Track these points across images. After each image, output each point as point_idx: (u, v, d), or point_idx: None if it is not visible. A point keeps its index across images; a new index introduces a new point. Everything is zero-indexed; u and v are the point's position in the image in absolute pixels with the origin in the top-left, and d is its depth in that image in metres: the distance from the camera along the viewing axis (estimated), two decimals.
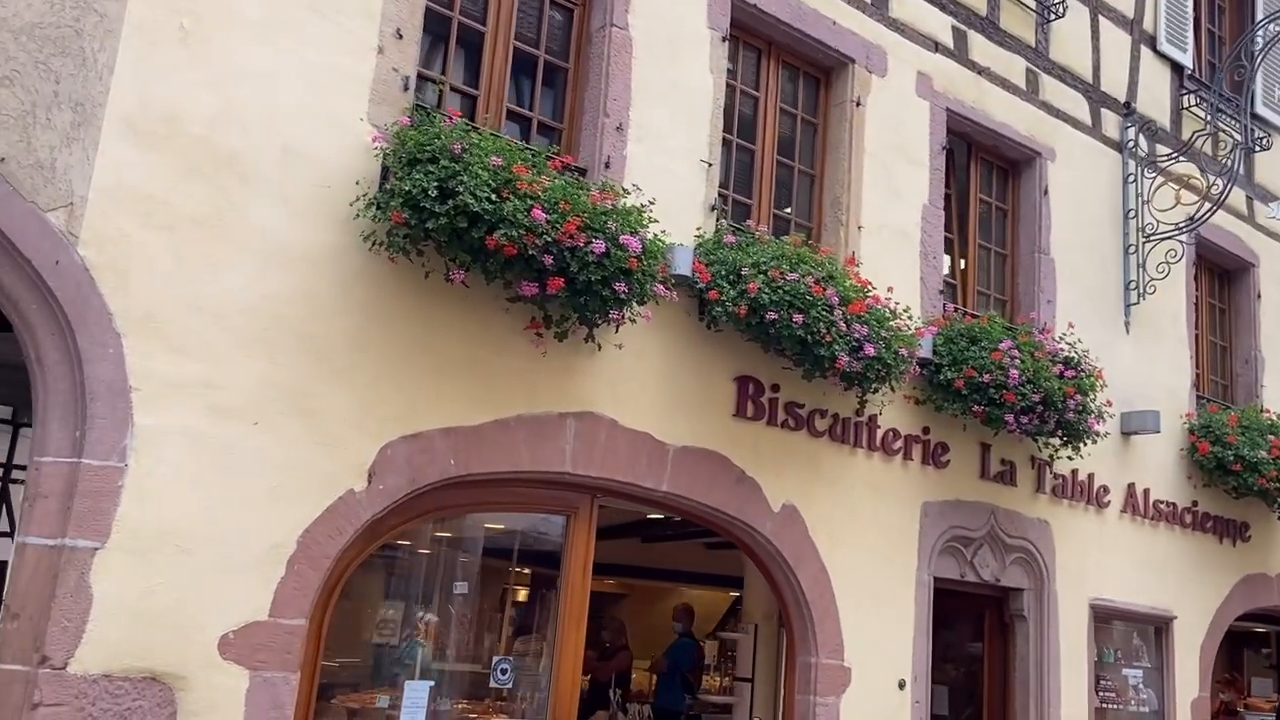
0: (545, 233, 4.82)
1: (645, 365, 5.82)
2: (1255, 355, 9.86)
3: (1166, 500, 8.70)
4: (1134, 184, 8.84)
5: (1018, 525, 7.62)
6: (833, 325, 5.93)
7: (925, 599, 6.97)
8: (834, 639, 6.43)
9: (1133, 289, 8.70)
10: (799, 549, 6.36)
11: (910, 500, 7.01)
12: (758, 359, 6.22)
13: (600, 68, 5.93)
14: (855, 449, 6.75)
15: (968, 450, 7.39)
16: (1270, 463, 8.63)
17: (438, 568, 5.72)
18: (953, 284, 7.96)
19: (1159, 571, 8.53)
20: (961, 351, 6.94)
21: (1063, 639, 7.73)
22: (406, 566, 5.64)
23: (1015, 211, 8.34)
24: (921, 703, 6.82)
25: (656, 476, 5.80)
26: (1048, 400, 7.04)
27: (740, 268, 5.83)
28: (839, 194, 7.03)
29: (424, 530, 5.59)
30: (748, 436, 6.23)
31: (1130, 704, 8.31)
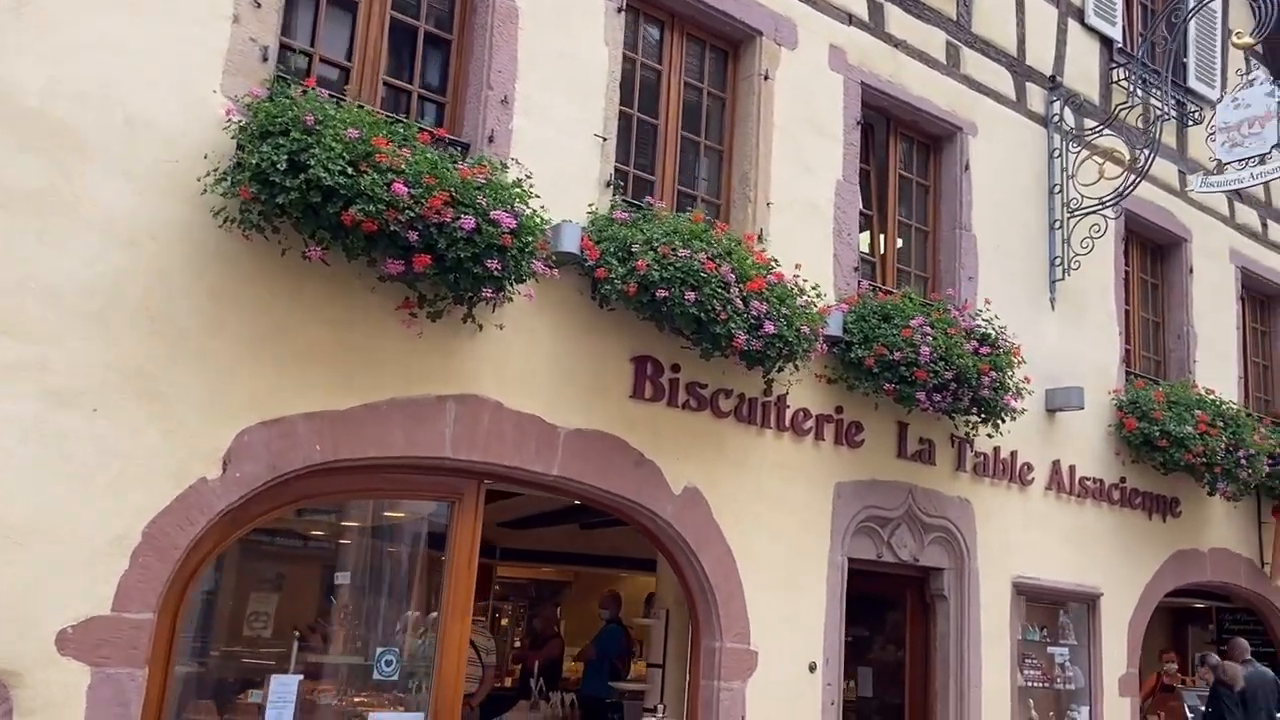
0: (408, 208, 4.65)
1: (534, 346, 5.65)
2: (1187, 330, 9.78)
3: (1094, 477, 8.61)
4: (1059, 159, 8.72)
5: (937, 504, 7.51)
6: (729, 303, 5.78)
7: (838, 580, 6.86)
8: (740, 622, 6.31)
9: (1058, 265, 8.59)
10: (702, 532, 6.23)
11: (822, 481, 6.89)
12: (655, 339, 6.07)
13: (485, 39, 5.74)
14: (763, 429, 6.61)
15: (884, 429, 7.26)
16: (1197, 438, 8.55)
17: (318, 556, 5.54)
18: (871, 261, 7.83)
19: (1086, 548, 8.45)
20: (873, 329, 6.81)
21: (984, 618, 7.63)
22: (282, 556, 5.46)
23: (936, 187, 8.21)
24: (833, 685, 6.71)
25: (546, 460, 5.65)
26: (961, 377, 6.92)
27: (630, 245, 5.67)
28: (747, 170, 6.88)
29: (303, 518, 5.41)
30: (647, 418, 6.08)
31: (1056, 681, 8.24)
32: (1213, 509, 9.55)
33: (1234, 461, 8.81)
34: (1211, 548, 9.54)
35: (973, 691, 7.44)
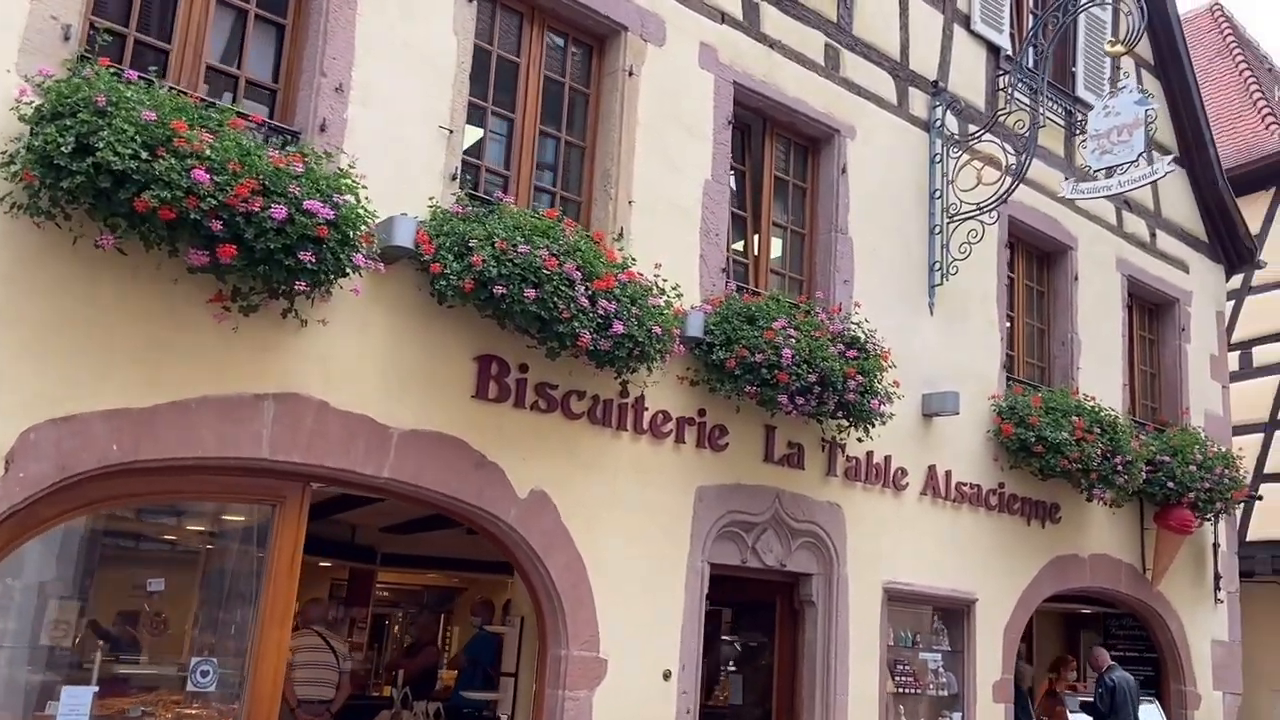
0: (210, 195, 4.44)
1: (365, 343, 5.46)
2: (1072, 338, 9.85)
3: (971, 482, 8.61)
4: (940, 164, 8.72)
5: (806, 509, 7.43)
6: (573, 300, 5.64)
7: (698, 586, 6.74)
8: (588, 630, 6.16)
9: (937, 270, 8.58)
10: (549, 537, 6.07)
11: (683, 484, 6.77)
12: (501, 338, 5.90)
13: (319, 23, 5.54)
14: (619, 431, 6.48)
15: (750, 433, 7.17)
16: (1073, 444, 8.58)
17: (129, 560, 5.29)
18: (744, 263, 7.74)
19: (961, 554, 8.44)
20: (735, 331, 6.71)
21: (854, 624, 7.57)
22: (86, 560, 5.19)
23: (814, 189, 8.16)
24: (689, 693, 6.59)
25: (377, 462, 5.45)
26: (826, 381, 6.85)
27: (469, 240, 5.50)
28: (609, 167, 6.75)
29: (111, 519, 5.16)
30: (490, 419, 5.91)
31: (929, 688, 8.20)
32: (1094, 515, 9.61)
33: (1110, 468, 8.86)
34: (1092, 553, 9.59)
35: (839, 699, 7.36)
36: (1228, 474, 10.10)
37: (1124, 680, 9.38)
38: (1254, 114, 14.76)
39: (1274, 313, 13.67)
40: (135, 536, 5.58)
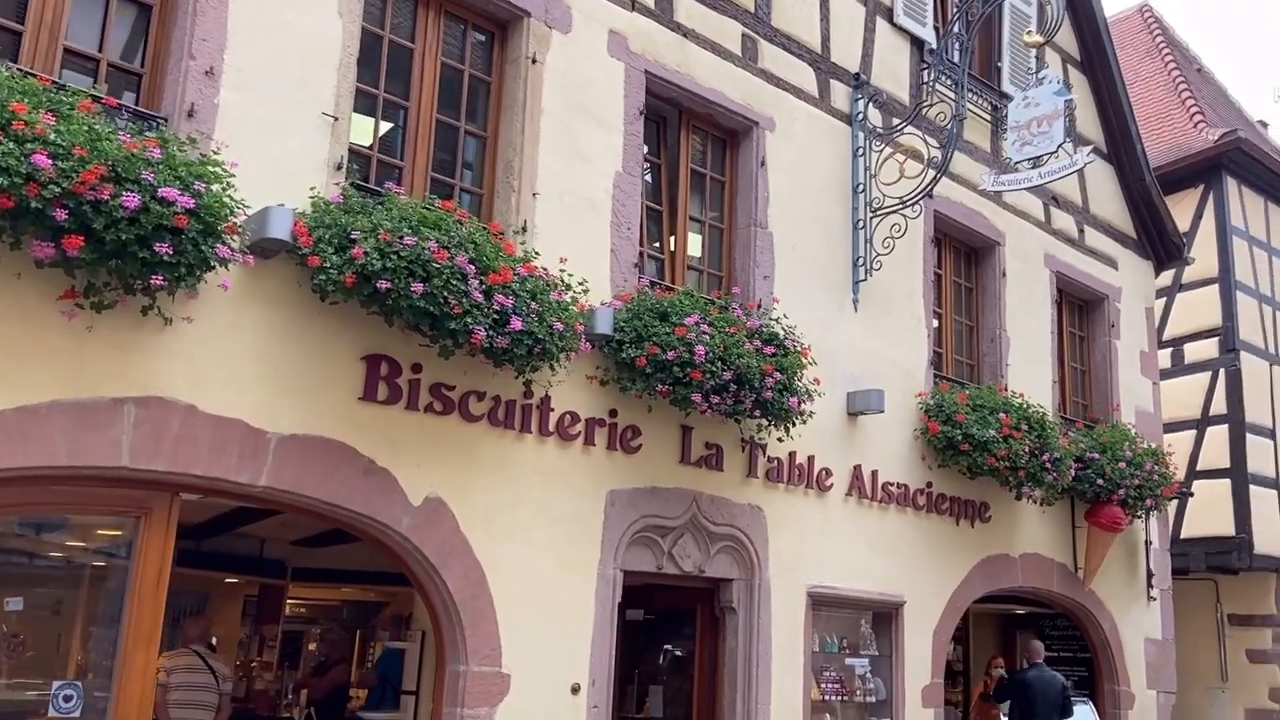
0: (53, 182, 4.09)
1: (238, 342, 5.12)
2: (1000, 334, 9.72)
3: (898, 482, 8.42)
4: (863, 157, 8.54)
5: (726, 512, 7.19)
6: (465, 295, 5.33)
7: (609, 595, 6.46)
8: (490, 644, 5.85)
9: (860, 265, 8.40)
10: (446, 546, 5.76)
11: (593, 489, 6.49)
12: (392, 336, 5.58)
13: (189, 4, 5.19)
14: (523, 434, 6.18)
15: (665, 434, 6.91)
16: (1000, 441, 8.43)
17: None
18: (659, 258, 7.49)
19: (888, 556, 8.24)
20: (646, 327, 6.45)
21: (776, 630, 7.33)
22: None
23: (732, 183, 7.93)
24: (600, 707, 6.30)
25: (252, 469, 5.10)
26: (742, 378, 6.61)
27: (350, 232, 5.18)
28: (512, 158, 6.46)
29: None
30: (380, 422, 5.59)
31: (856, 694, 7.99)
32: (1024, 514, 9.48)
33: (1039, 465, 8.73)
34: (1023, 553, 9.46)
35: (761, 708, 7.12)
36: (1157, 470, 10.03)
37: (1038, 679, 9.27)
38: (1183, 113, 14.82)
39: (1204, 309, 13.71)
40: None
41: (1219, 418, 13.42)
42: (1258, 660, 13.42)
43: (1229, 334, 13.49)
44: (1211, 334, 13.61)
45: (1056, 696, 9.12)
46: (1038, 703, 9.13)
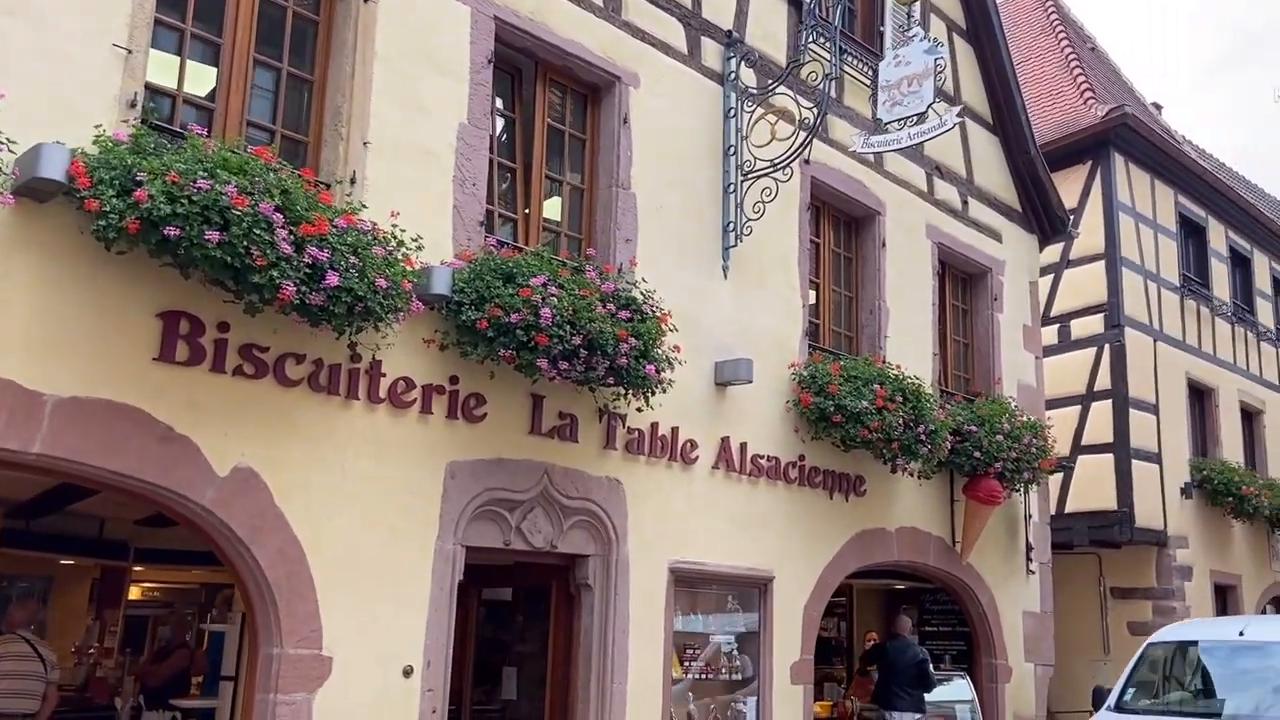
0: None
1: (7, 294, 4.60)
2: (879, 306, 9.54)
3: (769, 455, 8.18)
4: (735, 119, 8.24)
5: (581, 485, 6.85)
6: (271, 247, 4.88)
7: (448, 572, 6.08)
8: (308, 625, 5.42)
9: (731, 230, 8.11)
10: (258, 520, 5.31)
11: (430, 460, 6.09)
12: (194, 291, 5.11)
13: None
14: (350, 400, 5.75)
15: (513, 402, 6.54)
16: (874, 413, 8.24)
17: None
18: (513, 218, 7.10)
19: (757, 530, 8.00)
20: (488, 288, 6.05)
21: (635, 608, 7.03)
22: None
23: (594, 141, 7.56)
24: (436, 690, 5.92)
25: (24, 435, 4.60)
26: (594, 344, 6.26)
27: (136, 173, 4.69)
28: (340, 104, 6.01)
29: None
30: (179, 385, 5.11)
31: (721, 672, 7.75)
32: (901, 487, 9.33)
33: (913, 437, 8.57)
34: (899, 527, 9.32)
35: (616, 688, 6.81)
36: (1035, 443, 9.97)
37: (895, 650, 9.41)
38: (1074, 90, 14.90)
39: (1091, 286, 13.80)
40: None
41: (1104, 393, 13.53)
42: (1139, 632, 13.55)
43: (1114, 310, 13.60)
44: (1097, 310, 13.70)
45: (909, 667, 9.13)
46: (892, 673, 9.16)
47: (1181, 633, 8.51)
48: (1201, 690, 7.90)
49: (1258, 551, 15.49)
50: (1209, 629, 8.53)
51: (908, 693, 9.13)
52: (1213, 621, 9.26)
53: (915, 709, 9.13)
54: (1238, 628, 7.92)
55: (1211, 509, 14.34)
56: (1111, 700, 7.94)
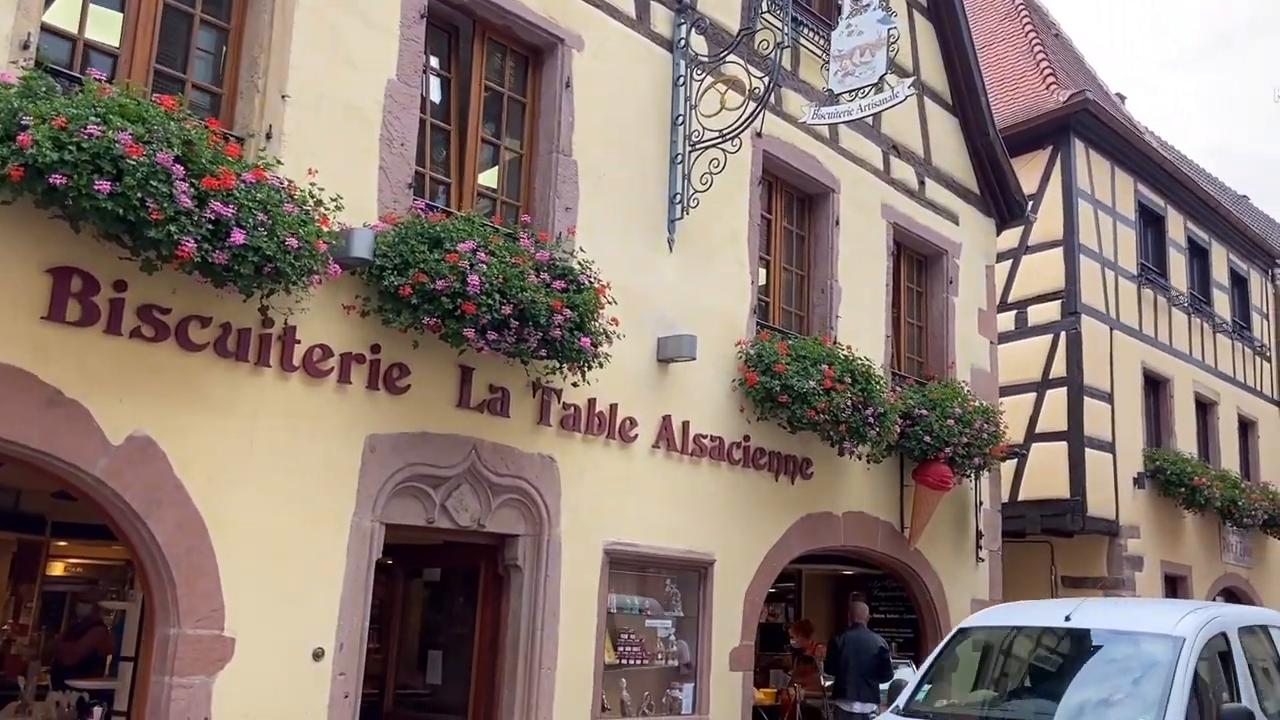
0: None
1: None
2: (832, 285, 9.32)
3: (711, 434, 7.95)
4: (684, 87, 7.96)
5: (511, 462, 6.58)
6: (169, 200, 4.56)
7: (365, 550, 5.79)
8: (209, 603, 5.12)
9: (677, 203, 7.84)
10: (155, 492, 5.00)
11: (348, 432, 5.79)
12: (85, 246, 4.78)
13: None
14: (260, 368, 5.44)
15: (440, 374, 6.25)
16: (821, 394, 8.03)
17: None
18: (446, 182, 6.79)
19: (698, 512, 7.77)
20: (413, 252, 5.75)
21: (567, 591, 6.78)
22: None
23: (534, 105, 7.26)
24: (348, 674, 5.64)
25: None
26: (526, 314, 5.98)
27: (21, 117, 4.34)
28: (257, 54, 5.68)
29: None
30: (70, 347, 4.78)
31: (658, 658, 7.52)
32: (849, 471, 9.14)
33: (861, 420, 8.38)
34: (847, 511, 9.13)
35: (545, 673, 6.56)
36: (987, 429, 9.81)
37: (853, 641, 9.06)
38: (1036, 75, 14.74)
39: (1049, 272, 13.67)
40: None
41: (1059, 380, 13.42)
42: None
43: (1071, 297, 13.48)
44: (1054, 297, 13.58)
45: (871, 660, 8.85)
46: (849, 666, 8.88)
47: (999, 617, 7.12)
48: (1014, 688, 6.53)
49: (1209, 543, 15.50)
50: (1031, 613, 7.03)
51: (868, 683, 8.88)
52: (1037, 604, 7.61)
53: (874, 699, 8.90)
54: (1065, 611, 6.43)
55: (1164, 499, 14.30)
56: (901, 700, 6.39)
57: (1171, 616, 6.19)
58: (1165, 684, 5.57)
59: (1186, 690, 5.53)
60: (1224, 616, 6.45)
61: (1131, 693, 5.75)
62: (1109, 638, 6.29)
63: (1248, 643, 6.42)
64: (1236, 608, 8.08)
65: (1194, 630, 5.93)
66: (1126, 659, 6.05)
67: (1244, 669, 6.16)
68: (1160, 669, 5.70)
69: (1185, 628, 5.95)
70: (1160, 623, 6.15)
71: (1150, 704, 5.53)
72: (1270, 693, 6.41)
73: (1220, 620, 6.30)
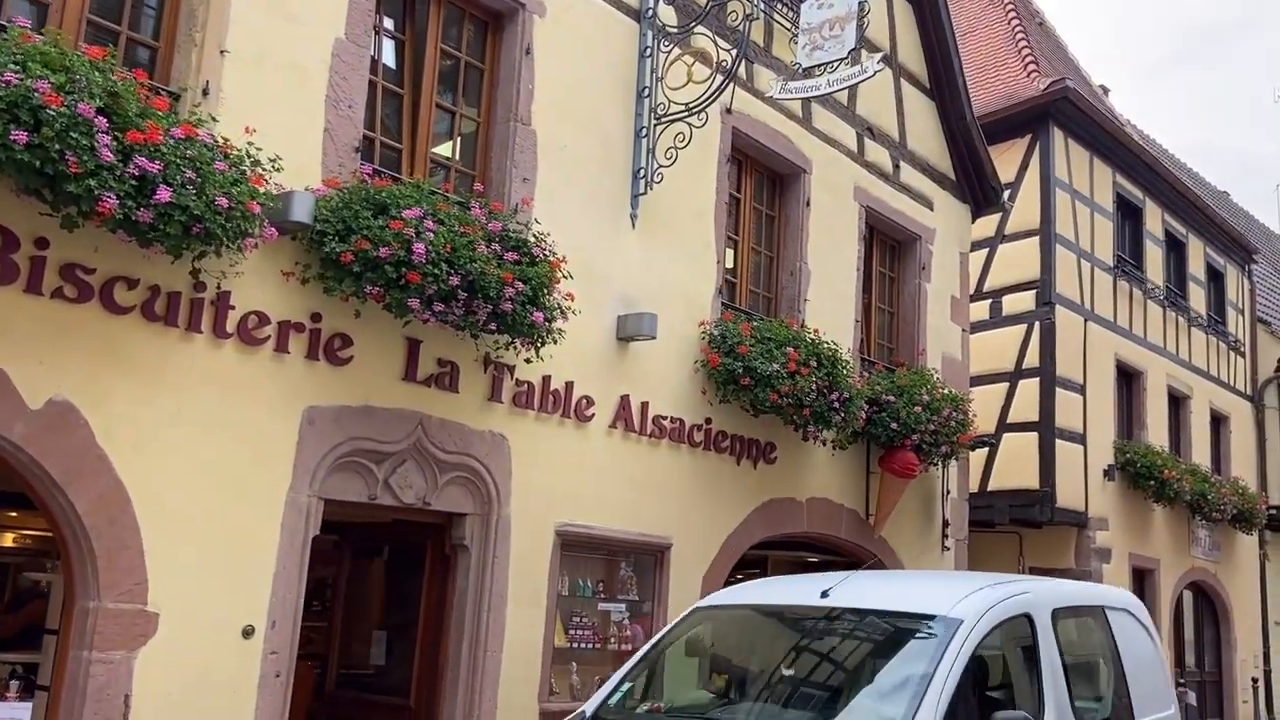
0: None
1: None
2: (800, 267, 9.15)
3: (672, 416, 7.77)
4: (650, 59, 7.76)
5: (460, 439, 6.39)
6: (90, 153, 4.34)
7: (300, 525, 5.59)
8: (131, 577, 4.92)
9: (641, 178, 7.64)
10: (75, 460, 4.78)
11: (286, 403, 5.58)
12: (7, 200, 4.55)
13: None
14: (191, 333, 5.22)
15: (385, 346, 6.04)
16: (785, 377, 7.86)
17: None
18: (397, 148, 6.56)
19: (656, 495, 7.60)
20: (356, 218, 5.54)
21: (516, 572, 6.60)
22: None
23: (493, 72, 7.04)
24: (281, 653, 5.45)
25: None
26: (474, 286, 5.79)
27: None
28: (196, 5, 5.43)
29: None
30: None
31: (610, 642, 7.35)
32: (814, 456, 8.98)
33: (826, 405, 8.22)
34: (810, 497, 8.98)
35: (490, 656, 6.39)
36: (955, 416, 9.67)
37: None
38: (1018, 62, 14.59)
39: (1024, 261, 13.54)
40: None
41: (1031, 371, 13.31)
42: None
43: (1046, 287, 13.35)
44: (1030, 286, 13.45)
45: None
46: None
47: (743, 594, 5.74)
48: (744, 685, 5.20)
49: (1178, 536, 15.46)
50: (784, 589, 5.60)
51: None
52: (796, 579, 6.00)
53: None
54: (824, 586, 5.07)
55: (1134, 492, 14.24)
56: (590, 705, 5.06)
57: (953, 594, 4.87)
58: (922, 680, 4.28)
59: (949, 688, 4.22)
60: (1030, 595, 5.14)
61: (882, 692, 4.50)
62: (870, 620, 4.94)
63: (1066, 629, 5.28)
64: (1059, 584, 6.48)
65: (976, 612, 4.64)
66: (886, 647, 4.82)
67: (1052, 662, 4.92)
68: (921, 661, 4.42)
69: (966, 608, 4.66)
70: (936, 601, 4.80)
71: (898, 706, 4.25)
72: (1094, 691, 5.42)
73: (1023, 600, 5.01)
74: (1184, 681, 14.85)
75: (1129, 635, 6.02)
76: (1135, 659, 5.92)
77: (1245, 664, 17.17)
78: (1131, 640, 6.01)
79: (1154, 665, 6.28)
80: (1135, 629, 6.20)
